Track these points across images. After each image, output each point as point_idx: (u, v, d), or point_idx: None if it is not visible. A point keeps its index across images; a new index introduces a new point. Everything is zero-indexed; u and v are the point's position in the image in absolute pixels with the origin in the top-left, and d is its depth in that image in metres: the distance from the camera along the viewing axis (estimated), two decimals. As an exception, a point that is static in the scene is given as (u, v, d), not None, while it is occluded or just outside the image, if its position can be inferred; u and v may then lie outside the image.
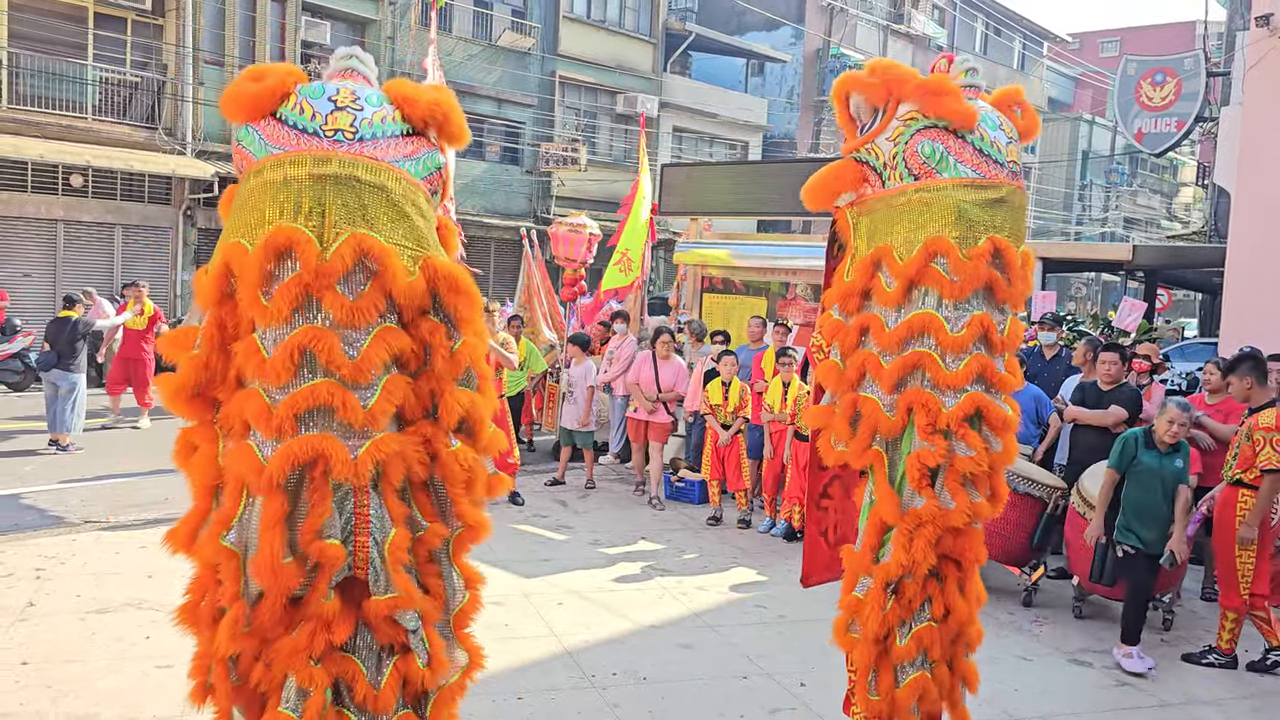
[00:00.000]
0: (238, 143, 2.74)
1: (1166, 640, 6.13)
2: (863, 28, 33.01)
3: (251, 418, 2.60)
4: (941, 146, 3.31)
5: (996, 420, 3.32)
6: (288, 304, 2.58)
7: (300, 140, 2.67)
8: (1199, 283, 17.09)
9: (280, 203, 2.62)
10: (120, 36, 18.11)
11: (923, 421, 3.29)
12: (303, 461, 2.57)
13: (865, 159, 3.43)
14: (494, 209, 23.30)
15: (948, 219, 3.30)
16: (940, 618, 3.44)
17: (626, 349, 10.35)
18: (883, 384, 3.35)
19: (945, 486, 3.32)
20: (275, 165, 2.65)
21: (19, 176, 16.96)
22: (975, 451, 3.29)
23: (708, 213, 11.42)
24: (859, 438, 3.43)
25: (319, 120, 2.70)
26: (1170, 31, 44.82)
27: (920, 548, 3.29)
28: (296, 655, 2.65)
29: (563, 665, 5.16)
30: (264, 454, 2.60)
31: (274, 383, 2.59)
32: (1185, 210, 45.71)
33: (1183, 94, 18.18)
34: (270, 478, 2.54)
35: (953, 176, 3.32)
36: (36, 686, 4.54)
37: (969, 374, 3.29)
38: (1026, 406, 7.54)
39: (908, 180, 3.35)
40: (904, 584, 3.39)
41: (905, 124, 3.35)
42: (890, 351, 3.35)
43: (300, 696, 2.67)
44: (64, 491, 8.51)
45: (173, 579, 6.06)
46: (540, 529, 7.93)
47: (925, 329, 3.30)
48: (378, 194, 2.68)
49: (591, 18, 25.85)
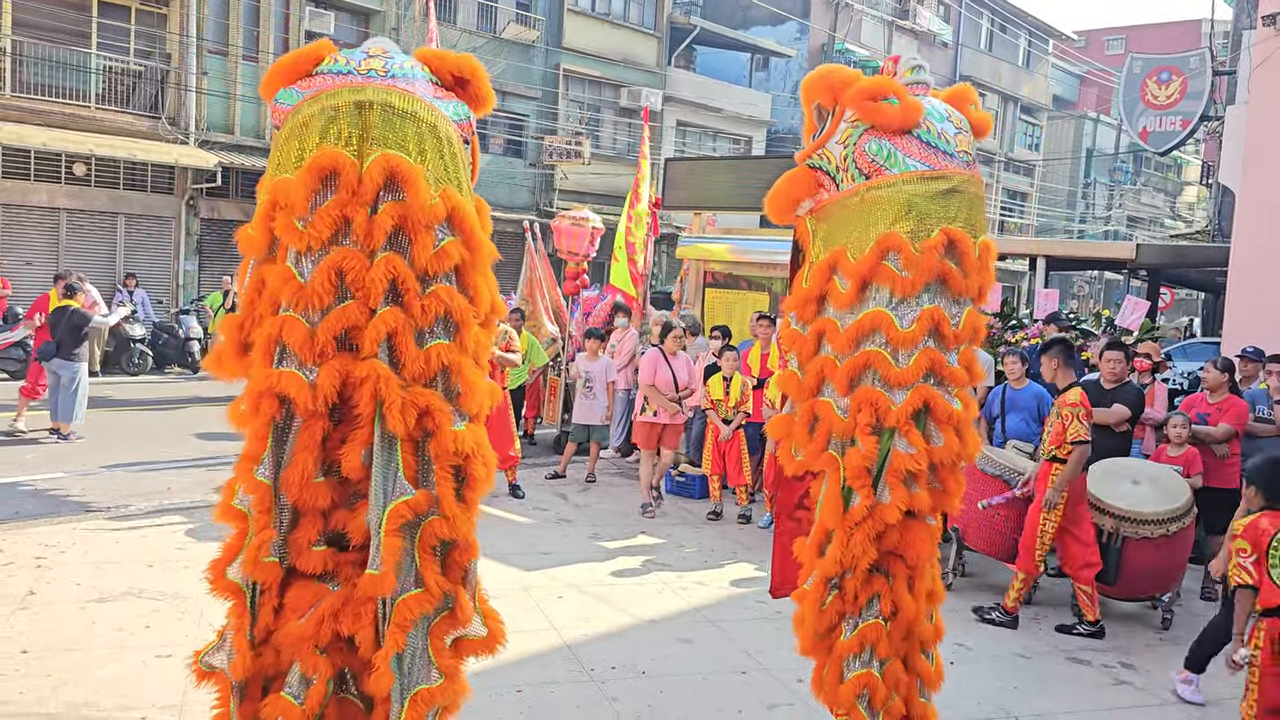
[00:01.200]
0: (276, 103, 2.78)
1: (1165, 639, 6.14)
2: (868, 23, 32.94)
3: (295, 344, 2.62)
4: (889, 144, 3.29)
5: (942, 414, 3.30)
6: (328, 227, 2.62)
7: (334, 80, 2.75)
8: (1202, 282, 17.06)
9: (319, 129, 2.67)
10: (124, 25, 18.10)
11: (865, 420, 3.26)
12: (349, 379, 2.62)
13: (819, 164, 3.41)
14: (497, 202, 23.27)
15: (898, 213, 3.27)
16: (889, 615, 3.42)
17: (628, 343, 10.35)
18: (837, 386, 3.34)
19: (885, 482, 3.31)
20: (312, 101, 2.72)
21: (22, 165, 16.97)
22: (916, 449, 3.28)
23: (711, 208, 11.41)
24: (815, 442, 3.41)
25: (353, 65, 2.78)
26: (1176, 30, 44.72)
27: (858, 542, 3.30)
28: (303, 643, 2.67)
29: (562, 659, 5.16)
30: (309, 378, 2.63)
31: (316, 306, 2.62)
32: (1189, 209, 45.66)
33: (1188, 93, 18.12)
34: (323, 397, 2.60)
35: (901, 171, 3.29)
36: (36, 675, 4.55)
37: (918, 370, 3.27)
38: (1028, 404, 7.54)
39: (859, 180, 3.33)
40: (845, 580, 3.38)
41: (853, 125, 3.34)
42: (844, 353, 3.33)
43: (304, 684, 2.68)
44: (65, 480, 8.52)
45: (173, 568, 6.08)
46: (540, 522, 7.93)
47: (875, 326, 3.28)
48: (408, 120, 2.72)
49: (596, 11, 25.81)
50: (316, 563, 2.74)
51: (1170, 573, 6.27)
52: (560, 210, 14.42)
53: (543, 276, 11.30)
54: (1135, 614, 6.60)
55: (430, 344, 2.70)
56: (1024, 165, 41.54)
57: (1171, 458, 6.77)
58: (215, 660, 2.86)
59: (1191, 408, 7.24)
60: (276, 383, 2.61)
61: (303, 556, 2.74)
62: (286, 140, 2.73)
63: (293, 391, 2.60)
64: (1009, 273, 31.84)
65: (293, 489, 2.66)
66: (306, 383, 2.61)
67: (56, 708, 4.26)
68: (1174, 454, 6.78)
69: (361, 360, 2.63)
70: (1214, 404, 7.13)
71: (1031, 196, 41.87)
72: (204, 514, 7.47)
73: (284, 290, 2.62)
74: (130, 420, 11.63)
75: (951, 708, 4.80)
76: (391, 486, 2.66)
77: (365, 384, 2.61)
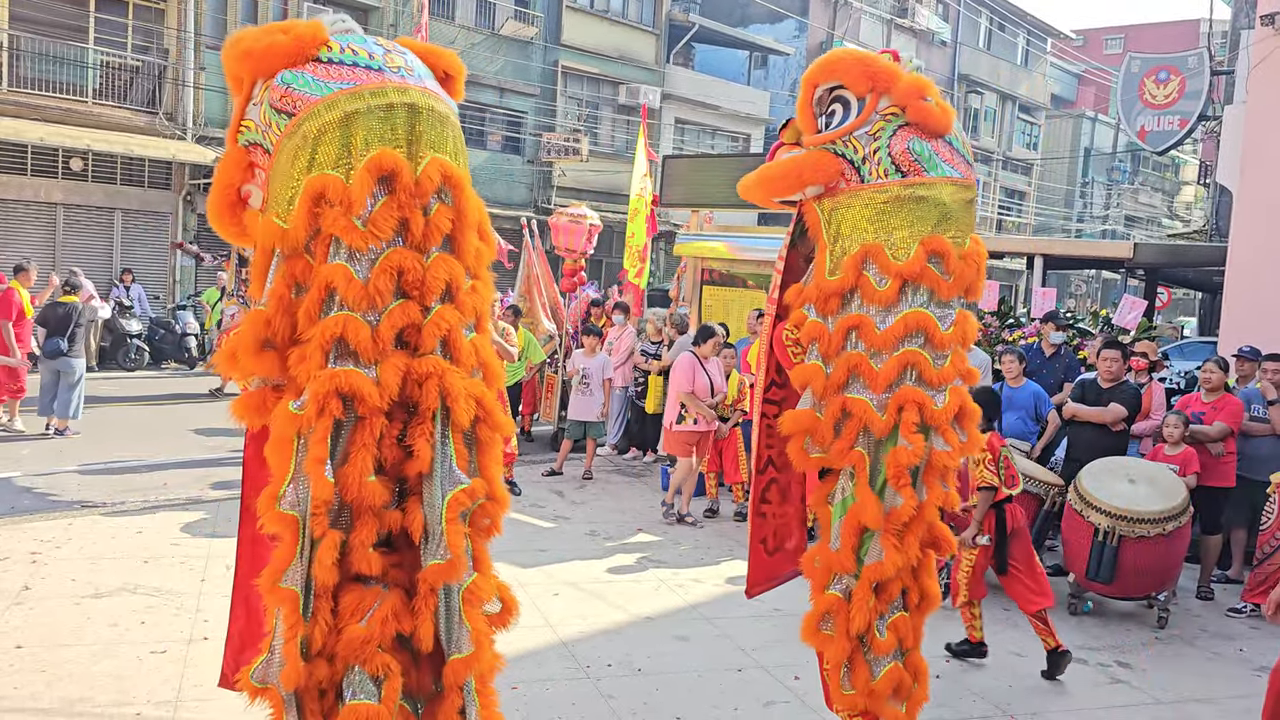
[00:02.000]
0: (286, 86, 2.68)
1: (1161, 638, 6.14)
2: (867, 21, 32.93)
3: (359, 343, 2.62)
4: (929, 146, 3.32)
5: (970, 415, 3.39)
6: (390, 228, 2.65)
7: (368, 75, 2.72)
8: (1199, 281, 17.06)
9: (372, 129, 2.66)
10: (121, 20, 18.06)
11: (912, 419, 3.27)
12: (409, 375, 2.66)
13: (842, 152, 3.37)
14: (495, 198, 23.24)
15: (939, 217, 3.31)
16: (916, 604, 3.47)
17: (626, 340, 10.35)
18: (876, 385, 3.32)
19: (923, 481, 3.34)
20: (353, 97, 2.68)
21: (19, 159, 16.92)
22: (951, 447, 3.34)
23: (709, 205, 11.41)
24: (843, 438, 3.38)
25: (378, 60, 2.76)
26: (1175, 29, 44.74)
27: (912, 545, 3.33)
28: (369, 645, 2.66)
29: (558, 656, 5.16)
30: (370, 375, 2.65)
31: (377, 306, 2.64)
32: (1186, 209, 45.72)
33: (1186, 92, 18.10)
34: (388, 395, 2.63)
35: (939, 175, 3.31)
36: (31, 670, 4.54)
37: (954, 371, 3.34)
38: (1025, 403, 7.56)
39: (893, 176, 3.30)
40: (888, 581, 3.39)
41: (886, 119, 3.31)
42: (884, 351, 3.31)
43: (376, 684, 2.67)
44: (61, 476, 8.50)
45: (168, 564, 6.08)
46: (537, 519, 7.93)
47: (920, 327, 3.29)
48: (447, 125, 2.79)
49: (595, 8, 25.78)
50: (376, 565, 2.71)
51: (1167, 572, 6.28)
52: (558, 207, 14.42)
53: (540, 274, 11.30)
54: (1132, 613, 6.60)
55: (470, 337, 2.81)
56: (1022, 164, 41.57)
57: (1169, 457, 6.77)
58: (265, 674, 2.77)
59: (1187, 407, 7.24)
60: (345, 382, 2.59)
61: (361, 558, 2.71)
62: (325, 134, 2.67)
63: (364, 390, 2.61)
64: (1007, 271, 31.90)
65: (351, 488, 2.64)
66: (373, 380, 2.62)
67: (51, 703, 4.26)
68: (1171, 453, 6.79)
69: (423, 357, 2.69)
70: (1209, 403, 7.14)
71: (1029, 195, 41.91)
72: (199, 509, 7.47)
73: (347, 290, 2.62)
74: (126, 416, 11.61)
75: (948, 706, 4.81)
76: (449, 476, 2.72)
77: (430, 379, 2.67)
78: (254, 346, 2.66)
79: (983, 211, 36.80)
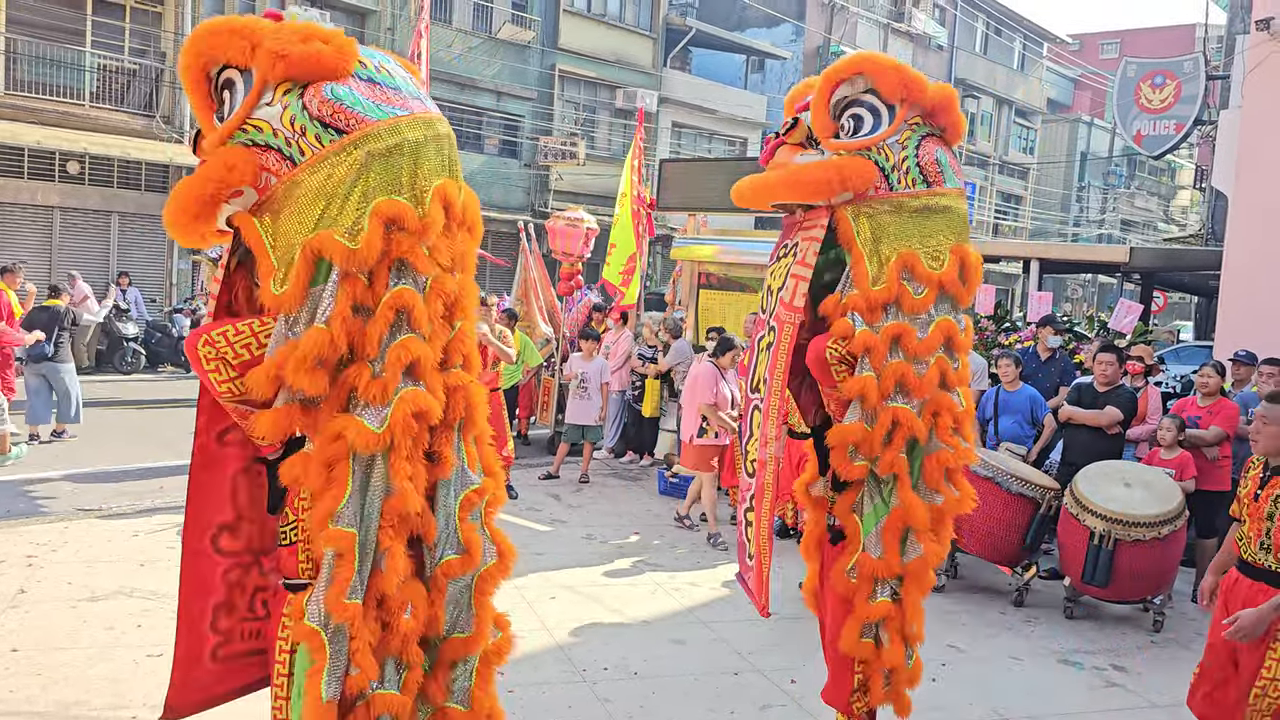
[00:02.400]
0: (337, 100, 2.65)
1: (1156, 642, 6.15)
2: (863, 26, 33.00)
3: (426, 364, 2.74)
4: (948, 157, 3.43)
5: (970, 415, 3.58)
6: (448, 255, 2.82)
7: (411, 102, 2.82)
8: (1195, 285, 17.12)
9: (429, 160, 2.79)
10: (119, 23, 18.06)
11: (947, 423, 3.40)
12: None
13: (876, 159, 3.35)
14: (491, 202, 23.25)
15: (961, 227, 3.45)
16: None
17: (623, 344, 10.36)
18: (919, 392, 3.36)
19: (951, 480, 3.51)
20: (414, 125, 2.78)
21: (16, 163, 16.91)
22: (969, 444, 3.51)
23: (705, 209, 11.42)
24: (893, 447, 3.39)
25: (410, 84, 2.88)
26: (1170, 34, 44.84)
27: (946, 536, 3.54)
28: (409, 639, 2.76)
29: (554, 659, 5.16)
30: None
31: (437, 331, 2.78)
32: (1182, 213, 45.79)
33: (1182, 97, 18.17)
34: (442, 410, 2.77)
35: (954, 186, 3.43)
36: (26, 674, 4.54)
37: (967, 375, 3.53)
38: (1021, 407, 7.57)
39: (920, 185, 3.35)
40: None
41: (912, 128, 3.36)
42: (925, 359, 3.37)
43: (397, 672, 2.73)
44: (57, 479, 8.50)
45: (165, 568, 6.07)
46: (534, 523, 7.93)
47: (947, 334, 3.40)
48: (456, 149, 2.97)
49: (592, 12, 25.82)
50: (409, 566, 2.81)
51: (1162, 576, 6.29)
52: (555, 211, 14.43)
53: (537, 277, 11.30)
54: (1127, 617, 6.61)
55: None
56: (1018, 168, 41.65)
57: (1164, 461, 6.78)
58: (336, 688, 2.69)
59: (1183, 411, 7.26)
60: (425, 402, 2.70)
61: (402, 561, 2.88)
62: (389, 157, 2.69)
63: (431, 409, 2.72)
64: (1003, 275, 31.96)
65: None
66: (435, 399, 2.75)
67: (47, 706, 4.26)
68: (1167, 457, 6.80)
69: (451, 371, 2.85)
70: (1204, 407, 7.15)
71: (1026, 199, 41.99)
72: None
73: (420, 314, 2.72)
74: (123, 419, 11.60)
75: (943, 709, 4.82)
76: (462, 478, 2.88)
77: (458, 392, 2.84)
78: (312, 364, 2.60)
79: (979, 215, 36.90)
